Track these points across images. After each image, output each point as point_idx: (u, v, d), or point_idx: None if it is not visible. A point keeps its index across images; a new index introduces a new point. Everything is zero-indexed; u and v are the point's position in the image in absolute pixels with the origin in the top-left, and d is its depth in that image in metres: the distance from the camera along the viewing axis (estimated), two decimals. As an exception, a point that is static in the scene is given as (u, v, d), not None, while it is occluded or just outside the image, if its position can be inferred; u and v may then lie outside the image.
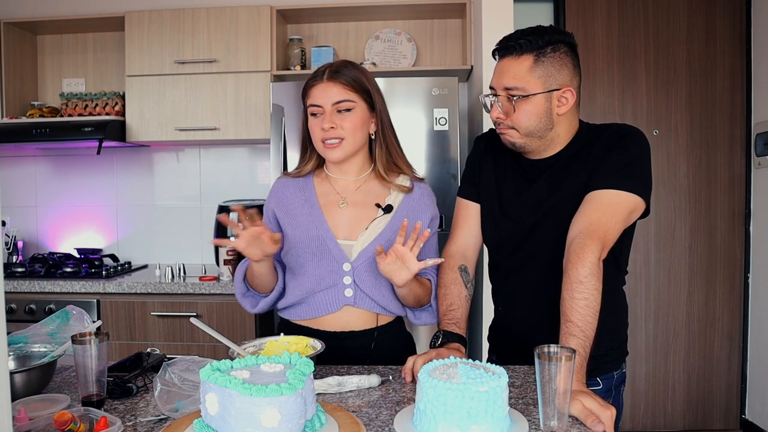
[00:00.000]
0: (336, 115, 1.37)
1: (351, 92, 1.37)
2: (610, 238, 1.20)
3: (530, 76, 1.25)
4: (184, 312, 2.54)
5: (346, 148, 1.39)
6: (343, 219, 1.42)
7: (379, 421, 1.01)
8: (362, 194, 1.44)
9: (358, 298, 1.40)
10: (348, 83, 1.37)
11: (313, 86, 1.39)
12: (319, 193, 1.46)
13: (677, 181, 3.02)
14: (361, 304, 1.41)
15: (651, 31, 3.00)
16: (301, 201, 1.45)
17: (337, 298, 1.41)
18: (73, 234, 3.22)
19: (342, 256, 1.39)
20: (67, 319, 1.29)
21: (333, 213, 1.43)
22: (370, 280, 1.40)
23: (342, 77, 1.37)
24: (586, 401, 0.99)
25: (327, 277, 1.40)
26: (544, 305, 1.30)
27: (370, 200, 1.43)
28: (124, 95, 2.91)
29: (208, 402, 0.86)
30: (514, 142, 1.32)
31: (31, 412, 1.00)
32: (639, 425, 3.07)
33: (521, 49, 1.25)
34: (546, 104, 1.27)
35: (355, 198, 1.44)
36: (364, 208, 1.43)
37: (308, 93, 1.41)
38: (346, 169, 1.45)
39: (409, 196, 1.44)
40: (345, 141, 1.38)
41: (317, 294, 1.42)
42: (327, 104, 1.37)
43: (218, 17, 2.80)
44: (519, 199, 1.37)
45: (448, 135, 2.47)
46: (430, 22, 3.06)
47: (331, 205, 1.44)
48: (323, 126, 1.37)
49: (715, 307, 3.03)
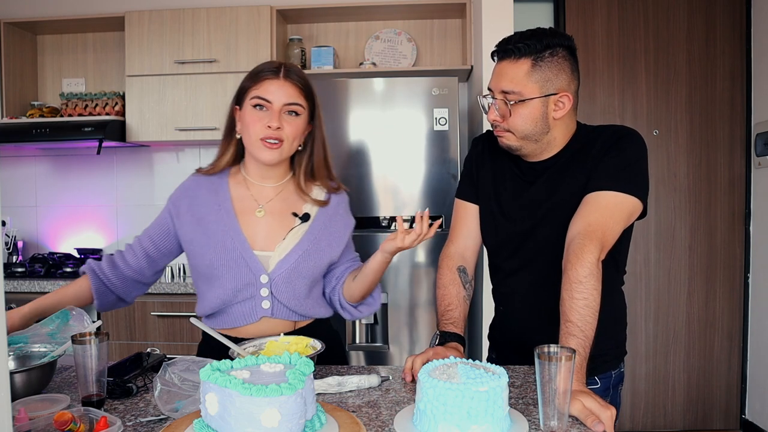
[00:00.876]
0: (283, 117, 1.32)
1: (302, 97, 1.34)
2: (609, 239, 1.20)
3: (527, 80, 1.25)
4: (184, 312, 2.54)
5: (282, 152, 1.33)
6: (260, 228, 1.37)
7: (379, 421, 1.01)
8: (280, 202, 1.40)
9: (276, 309, 1.37)
10: (302, 87, 1.34)
11: (266, 79, 1.32)
12: (235, 197, 1.40)
13: (677, 181, 3.02)
14: (278, 314, 1.37)
15: (651, 31, 3.00)
16: (214, 205, 1.38)
17: (254, 310, 1.36)
18: (73, 234, 3.22)
19: (259, 267, 1.34)
20: (67, 319, 1.28)
21: (249, 221, 1.37)
22: (287, 291, 1.36)
23: (298, 80, 1.34)
24: (586, 401, 0.99)
25: (243, 289, 1.35)
26: (543, 305, 1.30)
27: (288, 209, 1.39)
28: (124, 95, 2.91)
29: (208, 402, 0.86)
30: (510, 145, 1.33)
31: (31, 412, 1.00)
32: (639, 425, 3.07)
33: (519, 53, 1.25)
34: (542, 108, 1.27)
35: (272, 206, 1.39)
36: (282, 217, 1.38)
37: (258, 84, 1.33)
38: (267, 174, 1.40)
39: (325, 207, 1.43)
40: (284, 144, 1.32)
41: (234, 306, 1.37)
42: (278, 102, 1.31)
43: (218, 17, 2.80)
44: (517, 201, 1.37)
45: (448, 135, 2.47)
46: (430, 22, 3.06)
47: (247, 213, 1.38)
48: (270, 123, 1.30)
49: (715, 307, 3.03)
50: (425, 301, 2.50)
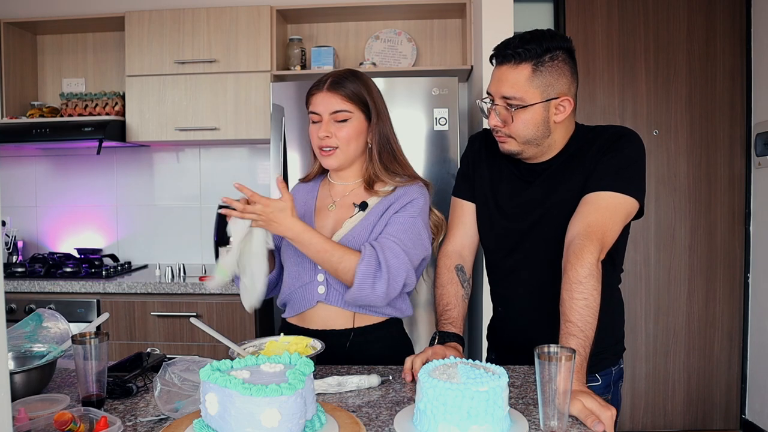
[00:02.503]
0: (332, 125, 1.40)
1: (348, 103, 1.40)
2: (608, 240, 1.20)
3: (528, 86, 1.24)
4: (184, 312, 2.54)
5: (339, 156, 1.42)
6: (329, 220, 1.47)
7: (379, 421, 1.01)
8: (351, 198, 1.47)
9: (331, 295, 1.42)
10: (346, 95, 1.40)
11: (314, 94, 1.43)
12: (320, 196, 1.52)
13: (677, 181, 3.02)
14: (333, 301, 1.42)
15: (651, 31, 3.00)
16: (304, 204, 1.51)
17: (311, 295, 1.44)
18: (73, 234, 3.22)
19: None
20: (41, 320, 1.30)
21: (323, 215, 1.49)
22: None
23: (341, 89, 1.40)
24: (586, 401, 0.99)
25: (303, 274, 1.45)
26: (542, 306, 1.30)
27: (356, 202, 1.46)
28: (124, 95, 2.91)
29: (208, 402, 0.86)
30: (511, 150, 1.32)
31: (31, 412, 1.00)
32: (639, 425, 3.07)
33: (520, 58, 1.24)
34: (544, 113, 1.27)
35: (344, 201, 1.48)
36: (349, 209, 1.45)
37: (309, 100, 1.44)
38: (344, 176, 1.50)
39: (387, 196, 1.43)
40: (339, 150, 1.41)
41: (296, 291, 1.46)
42: (325, 113, 1.40)
43: (218, 17, 2.80)
44: (515, 200, 1.37)
45: (448, 135, 2.47)
46: (430, 22, 3.06)
47: (323, 208, 1.50)
48: (319, 134, 1.41)
49: (715, 307, 3.03)
50: (425, 301, 2.50)
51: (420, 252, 1.40)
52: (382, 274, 1.31)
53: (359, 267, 1.31)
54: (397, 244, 1.34)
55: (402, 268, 1.34)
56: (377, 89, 1.46)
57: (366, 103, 1.42)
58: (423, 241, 1.40)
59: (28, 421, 0.96)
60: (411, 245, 1.37)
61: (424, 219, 1.42)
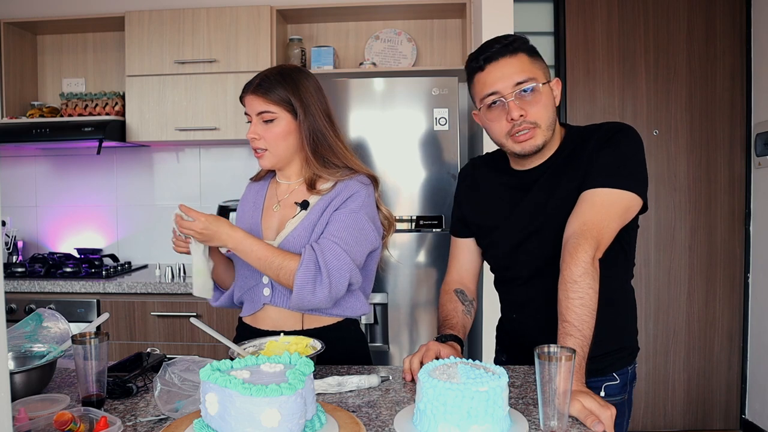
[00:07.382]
0: (260, 125, 1.39)
1: (272, 105, 1.38)
2: (605, 237, 1.19)
3: (533, 67, 1.27)
4: (184, 312, 2.54)
5: (270, 158, 1.42)
6: (274, 220, 1.46)
7: (379, 421, 1.01)
8: (294, 197, 1.46)
9: (276, 298, 1.42)
10: (269, 96, 1.38)
11: (243, 96, 1.42)
12: (268, 196, 1.52)
13: (677, 181, 3.02)
14: (280, 303, 1.41)
15: (651, 31, 3.00)
16: (251, 204, 1.52)
17: (258, 297, 1.44)
18: (73, 234, 3.22)
19: None
20: (41, 320, 1.31)
21: (269, 215, 1.48)
22: None
23: (262, 90, 1.38)
24: (585, 401, 0.99)
25: (249, 277, 1.46)
26: (556, 309, 1.29)
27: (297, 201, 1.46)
28: (124, 95, 2.91)
29: (208, 402, 0.86)
30: (537, 143, 1.27)
31: (31, 412, 1.00)
32: (639, 425, 3.07)
33: (514, 49, 1.26)
34: (551, 95, 1.29)
35: (287, 200, 1.47)
36: (290, 208, 1.45)
37: (244, 102, 1.44)
38: (287, 175, 1.49)
39: (328, 193, 1.41)
40: (268, 151, 1.41)
41: (245, 293, 1.47)
42: (253, 114, 1.40)
43: (218, 17, 2.80)
44: (516, 209, 1.35)
45: (448, 135, 2.47)
46: (430, 22, 3.06)
47: (269, 208, 1.49)
48: (248, 135, 1.42)
49: (715, 307, 3.03)
50: (425, 301, 2.50)
51: (364, 247, 1.38)
52: (323, 277, 1.30)
53: (298, 273, 1.30)
54: (337, 244, 1.33)
55: (344, 268, 1.32)
56: (310, 84, 1.42)
57: (290, 102, 1.39)
58: (367, 235, 1.38)
59: (28, 421, 0.96)
60: (353, 242, 1.35)
61: (368, 212, 1.39)
